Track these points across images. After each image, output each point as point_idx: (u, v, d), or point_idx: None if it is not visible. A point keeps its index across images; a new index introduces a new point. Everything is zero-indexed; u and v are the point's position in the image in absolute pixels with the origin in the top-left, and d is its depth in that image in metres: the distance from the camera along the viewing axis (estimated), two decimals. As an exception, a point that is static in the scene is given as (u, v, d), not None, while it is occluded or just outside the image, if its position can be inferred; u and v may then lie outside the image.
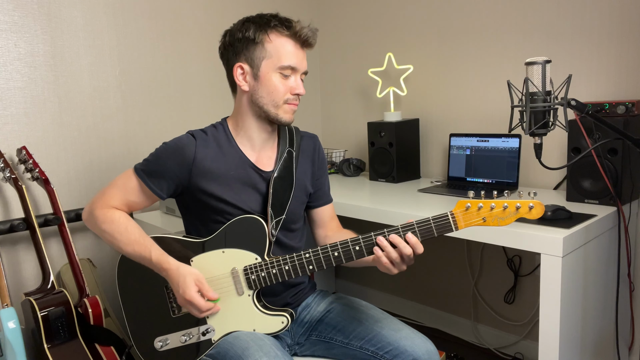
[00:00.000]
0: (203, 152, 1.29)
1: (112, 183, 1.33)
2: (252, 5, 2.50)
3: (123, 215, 1.29)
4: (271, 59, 1.26)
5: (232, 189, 1.30)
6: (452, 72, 2.24)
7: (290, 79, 1.28)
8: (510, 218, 1.09)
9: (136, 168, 1.31)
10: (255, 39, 1.25)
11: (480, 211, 1.10)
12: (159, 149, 1.32)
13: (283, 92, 1.28)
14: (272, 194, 1.32)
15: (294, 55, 1.27)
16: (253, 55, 1.26)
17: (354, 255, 1.18)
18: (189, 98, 2.36)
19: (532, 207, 1.07)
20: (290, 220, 1.37)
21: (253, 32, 1.26)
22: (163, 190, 1.30)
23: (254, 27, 1.26)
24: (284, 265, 1.23)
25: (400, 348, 1.23)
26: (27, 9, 1.88)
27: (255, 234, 1.27)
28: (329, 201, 1.51)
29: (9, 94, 1.86)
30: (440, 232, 1.12)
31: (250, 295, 1.26)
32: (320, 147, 1.49)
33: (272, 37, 1.26)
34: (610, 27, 1.76)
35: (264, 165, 1.35)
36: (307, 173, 1.43)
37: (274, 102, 1.28)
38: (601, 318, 1.62)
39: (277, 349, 1.18)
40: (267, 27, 1.26)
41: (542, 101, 1.19)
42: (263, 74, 1.27)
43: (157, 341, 1.30)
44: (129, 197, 1.31)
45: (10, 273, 1.91)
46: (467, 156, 2.07)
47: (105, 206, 1.30)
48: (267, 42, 1.26)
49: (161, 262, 1.22)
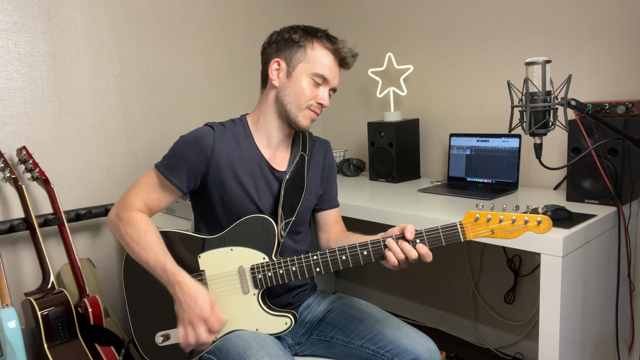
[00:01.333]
0: (221, 143, 1.30)
1: (135, 183, 1.33)
2: (252, 5, 2.50)
3: (145, 219, 1.28)
4: (308, 64, 1.31)
5: (247, 181, 1.32)
6: (452, 72, 2.24)
7: (319, 88, 1.33)
8: (518, 232, 1.10)
9: (157, 165, 1.32)
10: (300, 42, 1.31)
11: (489, 223, 1.11)
12: (177, 142, 1.32)
13: (309, 96, 1.31)
14: (284, 195, 1.33)
15: (329, 68, 1.32)
16: (292, 56, 1.31)
17: (362, 260, 1.19)
18: (189, 98, 2.36)
19: (541, 221, 1.09)
20: (298, 222, 1.39)
21: (299, 37, 1.32)
22: (183, 183, 1.30)
23: (302, 32, 1.32)
24: (291, 266, 1.23)
25: (401, 347, 1.24)
26: (27, 9, 1.88)
27: (264, 234, 1.28)
28: (335, 205, 1.52)
29: (9, 94, 1.86)
30: (448, 241, 1.14)
31: (255, 295, 1.26)
32: (331, 153, 1.51)
33: (315, 46, 1.32)
34: (610, 27, 1.76)
35: (278, 164, 1.37)
36: (316, 177, 1.45)
37: (298, 103, 1.31)
38: (601, 318, 1.62)
39: (279, 349, 1.19)
40: (313, 36, 1.32)
41: (542, 101, 1.19)
42: (297, 74, 1.31)
43: (159, 336, 1.30)
44: (151, 195, 1.31)
45: (10, 273, 1.91)
46: (467, 156, 2.07)
47: (131, 208, 1.29)
48: (309, 48, 1.31)
49: (175, 275, 1.19)
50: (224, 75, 2.47)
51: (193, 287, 1.17)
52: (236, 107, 2.52)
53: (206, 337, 1.17)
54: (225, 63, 2.46)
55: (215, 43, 2.41)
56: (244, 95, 2.54)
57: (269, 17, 2.59)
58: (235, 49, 2.48)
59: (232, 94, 2.51)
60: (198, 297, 1.16)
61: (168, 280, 1.20)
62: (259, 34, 2.46)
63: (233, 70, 2.49)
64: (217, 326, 1.17)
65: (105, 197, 2.12)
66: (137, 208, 1.30)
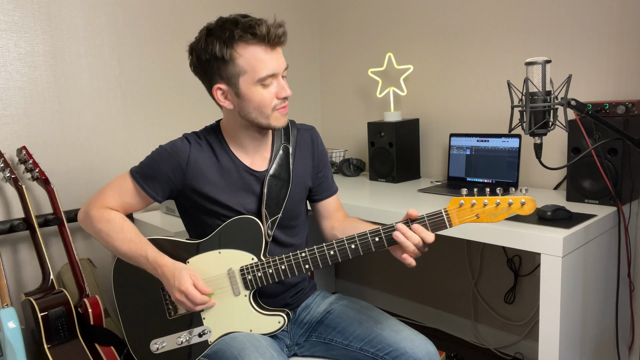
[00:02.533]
0: (197, 156, 1.29)
1: (109, 185, 1.33)
2: (252, 5, 2.50)
3: (119, 215, 1.30)
4: (247, 74, 1.19)
5: (226, 192, 1.30)
6: (452, 72, 2.24)
7: (272, 85, 1.22)
8: (502, 214, 1.09)
9: (132, 171, 1.32)
10: (224, 57, 1.17)
11: (474, 208, 1.11)
12: (154, 152, 1.32)
13: (269, 101, 1.22)
14: (267, 194, 1.32)
15: (268, 62, 1.19)
16: (228, 74, 1.20)
17: (350, 253, 1.18)
18: (189, 98, 2.36)
19: (524, 203, 1.08)
20: (289, 217, 1.37)
21: (220, 50, 1.17)
22: (158, 193, 1.30)
23: (219, 43, 1.17)
24: (280, 264, 1.23)
25: (401, 349, 1.23)
26: (27, 9, 1.88)
27: (251, 235, 1.27)
28: (333, 192, 1.49)
29: (9, 94, 1.86)
30: (435, 229, 1.13)
31: (246, 296, 1.26)
32: (319, 138, 1.45)
33: (240, 51, 1.17)
34: (610, 27, 1.76)
35: (259, 166, 1.34)
36: (306, 168, 1.41)
37: (263, 114, 1.23)
38: (601, 318, 1.62)
39: (274, 350, 1.18)
40: (232, 41, 1.17)
41: (542, 101, 1.19)
42: (243, 90, 1.20)
43: (153, 343, 1.30)
44: (125, 199, 1.31)
45: (10, 273, 1.91)
46: (467, 156, 2.07)
47: (102, 207, 1.30)
48: (236, 57, 1.18)
49: (156, 260, 1.22)
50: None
51: (172, 266, 1.21)
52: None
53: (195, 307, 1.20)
54: (225, 63, 2.46)
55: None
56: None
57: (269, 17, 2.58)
58: (235, 49, 2.48)
59: (232, 94, 2.51)
60: (175, 275, 1.19)
61: (152, 267, 1.23)
62: (259, 34, 2.46)
63: (233, 70, 2.49)
64: (197, 297, 1.19)
65: (105, 197, 2.12)
66: (110, 207, 1.30)
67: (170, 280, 1.20)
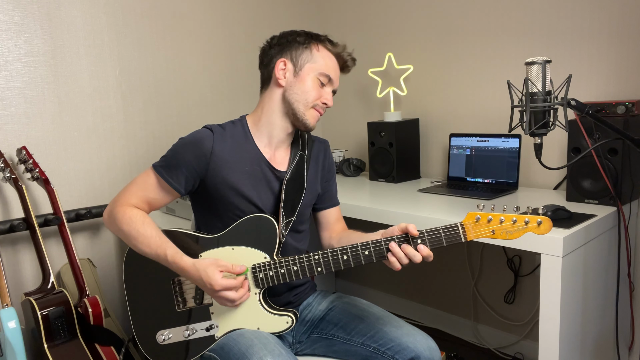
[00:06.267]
0: (220, 145, 1.31)
1: (132, 181, 1.34)
2: (252, 5, 2.50)
3: (140, 213, 1.29)
4: (315, 64, 1.33)
5: (247, 182, 1.32)
6: (452, 72, 2.24)
7: (324, 88, 1.35)
8: (518, 232, 1.11)
9: (154, 165, 1.32)
10: (304, 44, 1.34)
11: (490, 224, 1.12)
12: (176, 144, 1.33)
13: (316, 95, 1.33)
14: (285, 195, 1.34)
15: (334, 69, 1.36)
16: (299, 56, 1.33)
17: (363, 260, 1.19)
18: (189, 98, 2.36)
19: (541, 222, 1.09)
20: (299, 221, 1.39)
21: (303, 39, 1.35)
22: (181, 184, 1.30)
23: (305, 35, 1.36)
24: (292, 265, 1.23)
25: (402, 344, 1.24)
26: (27, 9, 1.88)
27: (265, 234, 1.28)
28: (335, 204, 1.53)
29: (9, 94, 1.86)
30: (449, 242, 1.14)
31: (256, 294, 1.27)
32: (330, 152, 1.52)
33: (320, 48, 1.35)
34: (610, 27, 1.76)
35: (278, 164, 1.37)
36: (316, 176, 1.45)
37: (306, 101, 1.32)
38: (601, 318, 1.62)
39: (282, 348, 1.19)
40: (317, 39, 1.36)
41: (542, 101, 1.19)
42: (304, 74, 1.33)
43: (160, 334, 1.30)
44: (149, 195, 1.32)
45: (10, 273, 1.91)
46: (467, 156, 2.07)
47: (125, 204, 1.30)
48: (314, 49, 1.34)
49: (177, 261, 1.21)
50: (223, 75, 2.47)
51: (194, 271, 1.19)
52: (236, 107, 2.52)
53: (236, 299, 1.20)
54: (225, 63, 2.46)
55: (215, 43, 2.41)
56: (244, 96, 2.54)
57: (269, 17, 2.59)
58: (235, 49, 2.48)
59: (232, 94, 2.51)
60: (203, 277, 1.18)
61: (175, 269, 1.23)
62: (259, 34, 2.46)
63: (233, 71, 2.49)
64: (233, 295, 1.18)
65: (105, 197, 2.12)
66: (133, 204, 1.30)
67: (200, 284, 1.20)
